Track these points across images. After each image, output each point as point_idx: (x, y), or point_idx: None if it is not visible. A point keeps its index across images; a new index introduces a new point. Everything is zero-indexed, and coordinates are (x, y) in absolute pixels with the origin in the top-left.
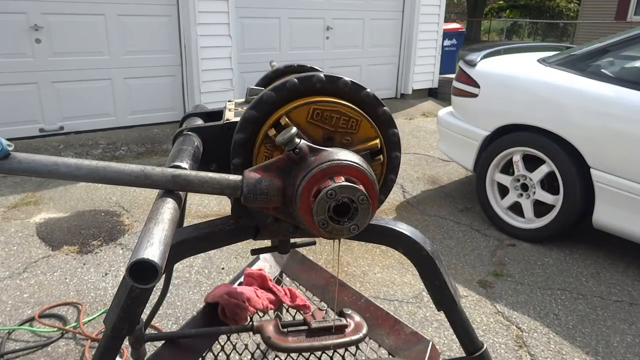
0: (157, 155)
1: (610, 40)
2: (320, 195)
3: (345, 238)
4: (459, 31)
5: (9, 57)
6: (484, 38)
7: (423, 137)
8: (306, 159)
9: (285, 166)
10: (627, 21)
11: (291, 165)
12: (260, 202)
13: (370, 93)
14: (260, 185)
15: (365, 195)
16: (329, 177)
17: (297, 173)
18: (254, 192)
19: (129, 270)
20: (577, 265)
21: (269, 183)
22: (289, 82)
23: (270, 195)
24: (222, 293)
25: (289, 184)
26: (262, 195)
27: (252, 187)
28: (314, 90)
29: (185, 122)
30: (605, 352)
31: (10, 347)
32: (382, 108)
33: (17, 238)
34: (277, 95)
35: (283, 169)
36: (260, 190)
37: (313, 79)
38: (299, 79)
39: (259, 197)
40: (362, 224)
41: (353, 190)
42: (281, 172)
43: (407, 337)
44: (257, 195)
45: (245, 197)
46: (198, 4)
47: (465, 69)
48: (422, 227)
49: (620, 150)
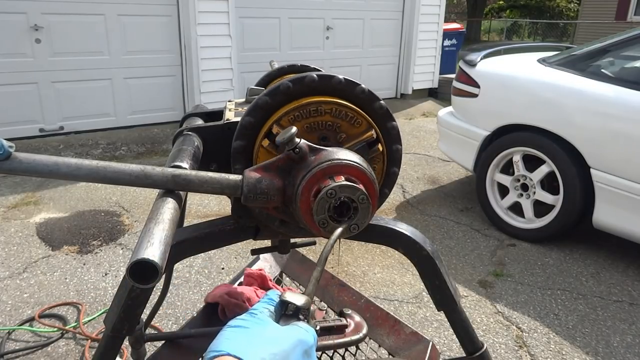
0: (157, 155)
1: (610, 40)
2: (320, 195)
3: (345, 238)
4: (459, 31)
5: (9, 57)
6: (484, 38)
7: (423, 137)
8: (306, 159)
9: (285, 166)
10: (627, 21)
11: (291, 165)
12: (260, 201)
13: (365, 88)
14: (260, 185)
15: (365, 195)
16: (328, 177)
17: (297, 173)
18: (254, 192)
19: (129, 270)
20: (577, 265)
21: (269, 182)
22: (282, 85)
23: (270, 194)
24: (222, 293)
25: (288, 183)
26: (262, 194)
27: (252, 186)
28: (308, 90)
29: (185, 122)
30: (605, 352)
31: (10, 347)
32: (379, 102)
33: (17, 238)
34: (272, 99)
35: (283, 169)
36: (260, 190)
37: (306, 80)
38: (292, 81)
39: (259, 197)
40: (362, 223)
41: (353, 189)
42: (281, 172)
43: (407, 337)
44: (257, 195)
45: (245, 196)
46: (198, 4)
47: (465, 69)
48: (422, 227)
49: (620, 150)
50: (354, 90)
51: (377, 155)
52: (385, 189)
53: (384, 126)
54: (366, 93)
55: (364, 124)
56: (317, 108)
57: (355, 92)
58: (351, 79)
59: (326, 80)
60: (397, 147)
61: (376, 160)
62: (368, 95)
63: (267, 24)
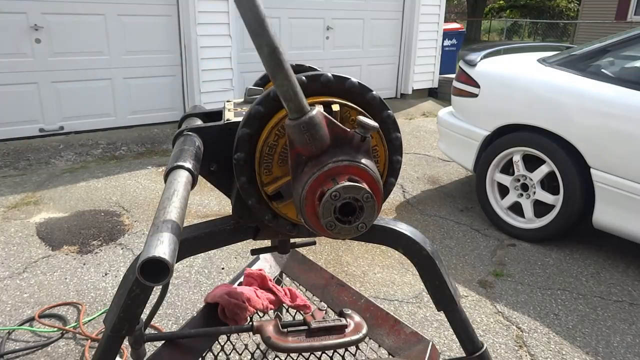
0: (157, 155)
1: (610, 40)
2: (325, 198)
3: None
4: (459, 31)
5: (9, 57)
6: (484, 38)
7: (423, 137)
8: (359, 149)
9: (341, 138)
10: (627, 21)
11: (344, 142)
12: (302, 138)
13: (376, 96)
14: (317, 128)
15: (369, 194)
16: (331, 179)
17: (302, 176)
18: (308, 126)
19: (140, 268)
20: (577, 265)
21: (323, 133)
22: (272, 91)
23: (315, 141)
24: (222, 293)
25: (330, 152)
26: (309, 134)
27: (313, 123)
28: (321, 89)
29: (184, 123)
30: (605, 352)
31: (10, 347)
32: (370, 93)
33: (17, 238)
34: (265, 108)
35: (338, 139)
36: (314, 130)
37: (321, 79)
38: (307, 77)
39: (306, 134)
40: (369, 221)
41: (357, 189)
42: (336, 139)
43: (407, 337)
44: (308, 132)
45: (299, 122)
46: (198, 4)
47: (465, 69)
48: (422, 227)
49: (620, 150)
50: (344, 84)
51: (378, 145)
52: (390, 177)
53: (378, 116)
54: (357, 86)
55: (353, 114)
56: None
57: (346, 87)
58: (364, 83)
59: (340, 81)
60: (397, 158)
61: (377, 150)
62: (359, 87)
63: None
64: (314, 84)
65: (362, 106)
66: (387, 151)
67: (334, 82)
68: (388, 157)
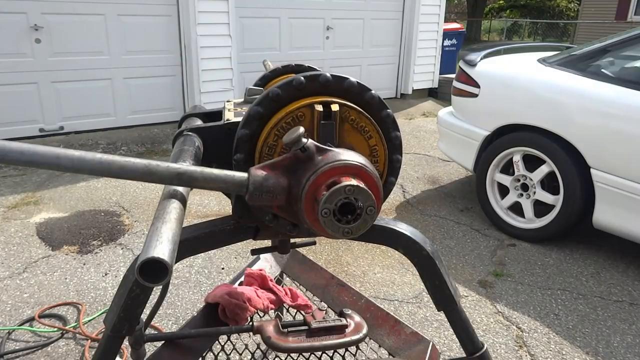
0: (157, 155)
1: (610, 40)
2: (338, 187)
3: (338, 239)
4: (459, 31)
5: (9, 57)
6: (484, 38)
7: (423, 137)
8: (313, 158)
9: (291, 165)
10: (627, 21)
11: (297, 164)
12: (266, 199)
13: (375, 95)
14: (266, 183)
15: (374, 207)
16: (334, 178)
17: (303, 172)
18: (260, 190)
19: (139, 268)
20: (577, 265)
21: (275, 181)
22: (295, 80)
23: (276, 193)
24: (222, 293)
25: (294, 182)
26: (267, 193)
27: (259, 184)
28: (320, 89)
29: (184, 123)
30: (605, 352)
31: (10, 347)
32: (369, 92)
33: (17, 238)
34: (284, 93)
35: (289, 168)
36: (267, 188)
37: (320, 79)
38: (305, 77)
39: (265, 195)
40: (357, 230)
41: (367, 196)
42: (287, 171)
43: (407, 337)
44: (263, 193)
45: (250, 194)
46: (198, 4)
47: (465, 69)
48: (422, 227)
49: (620, 150)
50: (343, 84)
51: (377, 144)
52: (390, 177)
53: (378, 115)
54: (355, 85)
55: (352, 113)
56: None
57: (345, 86)
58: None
59: (339, 81)
60: (397, 157)
61: (377, 149)
62: (358, 87)
63: (267, 24)
64: (313, 83)
65: (361, 106)
66: (386, 150)
67: (332, 81)
68: (388, 156)
